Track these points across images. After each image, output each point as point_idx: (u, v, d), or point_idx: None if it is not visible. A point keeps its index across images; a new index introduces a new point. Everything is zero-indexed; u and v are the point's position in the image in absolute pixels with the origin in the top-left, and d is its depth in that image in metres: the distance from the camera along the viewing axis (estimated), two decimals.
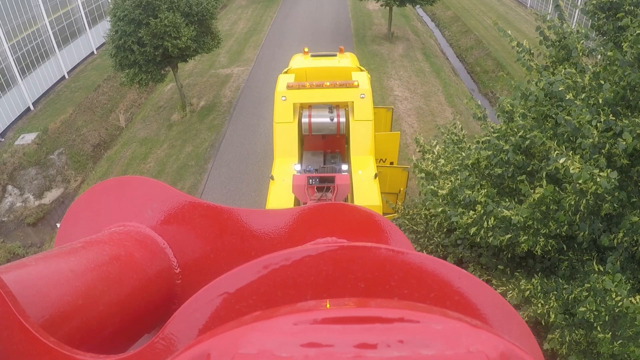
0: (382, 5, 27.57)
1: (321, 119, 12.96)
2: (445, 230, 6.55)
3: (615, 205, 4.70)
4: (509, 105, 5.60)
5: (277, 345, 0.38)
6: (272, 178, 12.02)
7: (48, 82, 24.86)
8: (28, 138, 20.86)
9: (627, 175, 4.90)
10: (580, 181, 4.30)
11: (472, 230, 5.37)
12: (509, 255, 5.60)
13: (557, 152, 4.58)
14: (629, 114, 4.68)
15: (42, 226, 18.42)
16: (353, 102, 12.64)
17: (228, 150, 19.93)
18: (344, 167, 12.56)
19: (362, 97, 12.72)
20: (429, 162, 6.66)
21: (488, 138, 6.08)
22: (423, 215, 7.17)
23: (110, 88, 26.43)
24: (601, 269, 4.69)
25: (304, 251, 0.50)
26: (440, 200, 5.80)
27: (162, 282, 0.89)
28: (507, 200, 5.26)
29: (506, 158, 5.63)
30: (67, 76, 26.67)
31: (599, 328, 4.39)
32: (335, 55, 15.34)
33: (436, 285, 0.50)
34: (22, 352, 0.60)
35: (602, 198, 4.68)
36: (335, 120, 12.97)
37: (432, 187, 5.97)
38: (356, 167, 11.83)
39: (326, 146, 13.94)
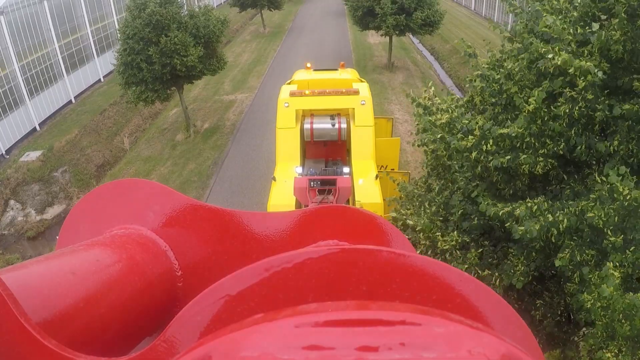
0: (382, 35, 28.41)
1: (323, 124, 13.19)
2: (446, 194, 6.58)
3: (607, 112, 4.79)
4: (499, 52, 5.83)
5: (278, 347, 0.39)
6: (274, 179, 12.13)
7: (55, 104, 25.29)
8: (33, 155, 21.04)
9: (614, 88, 5.03)
10: (570, 70, 4.42)
11: (474, 154, 5.42)
12: (510, 192, 5.62)
13: (544, 49, 4.73)
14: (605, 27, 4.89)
15: (42, 240, 18.32)
16: (354, 108, 12.91)
17: (231, 167, 20.08)
18: (346, 169, 12.69)
19: (363, 104, 13.00)
20: (426, 99, 6.79)
21: (479, 72, 6.27)
22: (424, 182, 7.21)
23: (116, 112, 26.87)
24: (604, 179, 4.70)
25: (306, 254, 0.50)
26: (440, 130, 5.90)
27: (163, 285, 0.90)
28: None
29: (498, 87, 5.77)
30: (73, 100, 27.13)
31: (609, 232, 4.37)
32: (336, 70, 15.81)
33: (438, 288, 0.50)
34: (23, 355, 0.60)
35: (594, 108, 4.79)
36: (337, 126, 13.20)
37: (431, 118, 6.08)
38: (357, 171, 11.94)
39: (328, 154, 14.09)
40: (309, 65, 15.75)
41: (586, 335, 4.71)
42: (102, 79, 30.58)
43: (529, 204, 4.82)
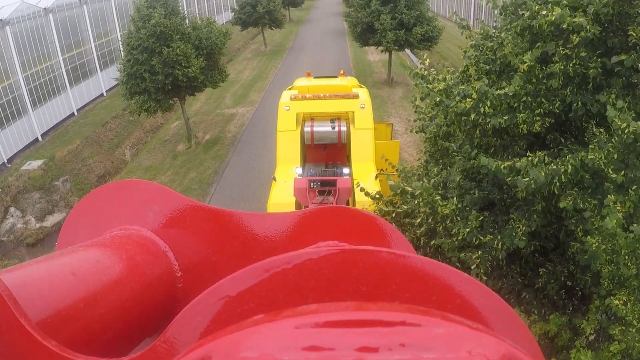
0: (382, 51, 28.85)
1: (323, 127, 13.38)
2: (445, 174, 6.63)
3: (599, 69, 4.92)
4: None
5: (278, 348, 0.39)
6: (274, 179, 12.24)
7: (58, 116, 25.49)
8: (34, 164, 21.14)
9: (605, 49, 5.16)
10: (564, 26, 4.52)
11: (472, 116, 5.52)
12: (509, 158, 5.67)
13: (538, 7, 4.86)
14: None
15: (41, 247, 18.27)
16: (354, 112, 13.14)
17: (231, 176, 20.17)
18: (346, 170, 12.79)
19: (362, 107, 13.21)
20: (423, 69, 6.91)
21: (473, 42, 6.43)
22: (424, 167, 7.27)
23: (118, 125, 27.08)
24: (601, 130, 4.78)
25: (306, 255, 0.50)
26: (437, 94, 6.01)
27: (163, 286, 0.90)
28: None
29: (492, 54, 5.89)
30: (76, 113, 27.37)
31: (610, 171, 4.42)
32: (336, 77, 16.10)
33: (437, 289, 0.50)
34: (23, 355, 0.60)
35: (587, 66, 4.90)
36: (337, 129, 13.39)
37: (429, 85, 6.19)
38: (357, 172, 12.05)
39: (328, 158, 14.21)
40: (309, 72, 16.04)
41: (593, 299, 4.73)
42: (104, 93, 30.88)
43: (530, 158, 4.89)
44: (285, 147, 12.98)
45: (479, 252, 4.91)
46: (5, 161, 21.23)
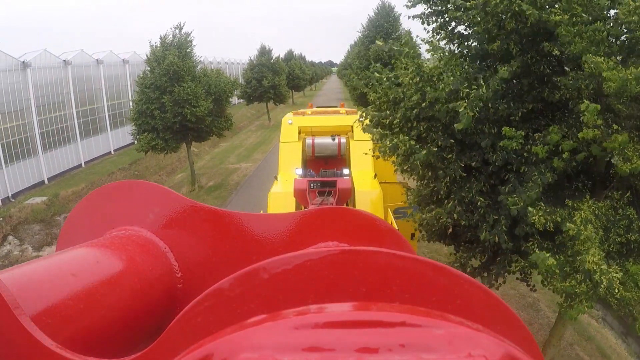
0: None
1: (324, 140, 14.00)
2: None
3: None
4: None
5: (278, 348, 0.39)
6: (275, 178, 12.54)
7: (66, 164, 26.11)
8: (38, 200, 21.36)
9: None
10: None
11: None
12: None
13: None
14: None
15: None
16: (352, 126, 13.82)
17: (232, 209, 20.28)
18: (346, 171, 13.08)
19: (361, 121, 13.91)
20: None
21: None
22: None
23: (124, 177, 27.61)
24: None
25: (306, 255, 0.50)
26: None
27: (163, 286, 0.90)
28: None
29: None
30: (83, 165, 28.04)
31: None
32: (336, 107, 17.12)
33: (437, 290, 0.50)
34: (23, 356, 0.60)
35: None
36: (337, 141, 14.00)
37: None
38: (357, 176, 12.43)
39: None
40: (310, 105, 17.03)
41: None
42: (112, 152, 31.80)
43: None
44: (287, 156, 13.51)
45: (466, 100, 5.12)
46: (10, 196, 21.47)
